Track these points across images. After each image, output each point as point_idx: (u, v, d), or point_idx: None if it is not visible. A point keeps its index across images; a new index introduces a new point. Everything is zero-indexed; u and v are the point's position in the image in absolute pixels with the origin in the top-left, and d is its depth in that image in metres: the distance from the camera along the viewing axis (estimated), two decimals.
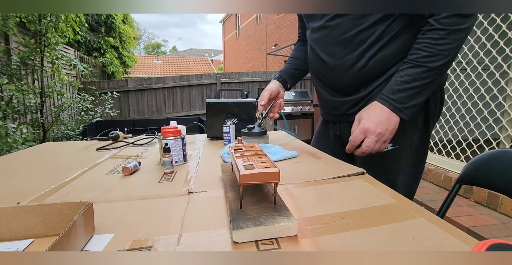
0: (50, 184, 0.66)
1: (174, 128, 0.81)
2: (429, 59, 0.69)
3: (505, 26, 2.03)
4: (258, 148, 0.63)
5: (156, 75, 14.18)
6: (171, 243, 0.41)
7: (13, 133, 2.47)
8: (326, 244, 0.40)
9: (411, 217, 0.47)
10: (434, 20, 0.68)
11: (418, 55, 0.71)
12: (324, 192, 0.59)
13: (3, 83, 2.39)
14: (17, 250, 0.40)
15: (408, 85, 0.71)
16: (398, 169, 0.83)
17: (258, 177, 0.45)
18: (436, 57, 0.69)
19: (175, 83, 6.63)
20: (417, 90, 0.72)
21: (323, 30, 0.84)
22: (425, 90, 0.72)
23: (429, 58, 0.69)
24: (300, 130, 4.75)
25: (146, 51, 36.44)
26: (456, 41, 0.68)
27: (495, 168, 0.80)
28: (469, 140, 2.40)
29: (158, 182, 0.68)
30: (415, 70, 0.71)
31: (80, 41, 6.57)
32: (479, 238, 1.32)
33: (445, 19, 0.67)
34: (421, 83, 0.71)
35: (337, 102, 0.90)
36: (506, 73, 2.09)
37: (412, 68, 0.71)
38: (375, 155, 0.81)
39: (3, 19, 2.52)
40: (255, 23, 11.96)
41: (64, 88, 3.57)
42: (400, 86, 0.72)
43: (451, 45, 0.68)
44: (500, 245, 0.29)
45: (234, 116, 1.16)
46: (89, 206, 0.42)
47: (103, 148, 1.07)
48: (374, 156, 0.81)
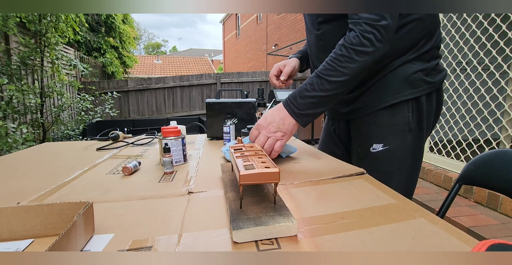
0: (50, 184, 0.66)
1: (174, 128, 0.81)
2: (329, 73, 0.70)
3: (505, 26, 2.03)
4: (258, 148, 0.63)
5: (156, 75, 14.18)
6: (171, 243, 0.41)
7: (13, 133, 2.47)
8: (326, 244, 0.40)
9: (411, 217, 0.47)
10: (346, 36, 0.70)
11: (323, 67, 0.72)
12: (324, 192, 0.59)
13: (3, 83, 2.39)
14: (17, 250, 0.40)
15: (308, 93, 0.72)
16: (392, 170, 0.81)
17: (258, 177, 0.45)
18: (337, 72, 0.69)
19: (175, 83, 6.63)
20: (315, 100, 0.72)
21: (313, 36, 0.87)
22: (322, 103, 0.73)
23: (330, 71, 0.70)
24: (300, 130, 4.75)
25: (146, 51, 36.46)
26: (359, 61, 0.68)
27: (495, 168, 0.80)
28: (469, 140, 2.40)
29: (158, 182, 0.68)
30: (316, 80, 0.72)
31: (80, 41, 6.57)
32: (479, 238, 1.32)
33: (353, 39, 0.68)
34: (319, 94, 0.71)
35: None
36: (506, 73, 2.09)
37: (314, 78, 0.73)
38: (367, 156, 0.82)
39: (3, 19, 2.52)
40: (255, 23, 11.96)
41: (64, 88, 3.57)
42: (301, 93, 0.73)
43: (353, 64, 0.68)
44: (500, 245, 0.29)
45: (234, 116, 1.16)
46: (89, 206, 0.42)
47: (103, 148, 1.07)
48: (365, 156, 0.82)
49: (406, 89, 0.77)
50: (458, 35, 2.45)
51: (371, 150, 0.81)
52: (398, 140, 0.80)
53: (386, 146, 0.79)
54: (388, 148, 0.79)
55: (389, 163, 0.81)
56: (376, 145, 0.81)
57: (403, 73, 0.77)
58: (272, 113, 0.76)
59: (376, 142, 0.81)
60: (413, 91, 0.77)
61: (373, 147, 0.81)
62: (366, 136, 0.83)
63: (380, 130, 0.81)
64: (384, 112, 0.80)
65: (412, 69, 0.77)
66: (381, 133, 0.80)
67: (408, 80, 0.77)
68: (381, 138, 0.80)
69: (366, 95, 0.82)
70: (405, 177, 0.83)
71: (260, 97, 1.17)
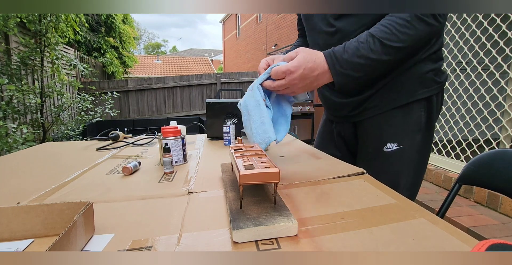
0: (50, 184, 0.66)
1: (174, 128, 0.81)
2: (385, 35, 0.65)
3: (505, 26, 2.03)
4: (258, 148, 0.63)
5: (156, 75, 14.18)
6: (171, 243, 0.41)
7: (13, 133, 2.47)
8: (326, 244, 0.40)
9: (411, 217, 0.47)
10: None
11: (377, 29, 0.67)
12: (324, 192, 0.59)
13: (3, 83, 2.39)
14: (17, 250, 0.40)
15: (358, 52, 0.66)
16: (401, 170, 0.81)
17: (258, 177, 0.45)
18: (393, 36, 0.65)
19: (175, 83, 6.63)
20: (362, 61, 0.66)
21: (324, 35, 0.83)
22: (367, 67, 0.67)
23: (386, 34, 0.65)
24: (300, 130, 4.76)
25: (146, 51, 36.46)
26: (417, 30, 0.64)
27: (495, 168, 0.80)
28: (469, 140, 2.40)
29: (158, 182, 0.68)
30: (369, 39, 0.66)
31: (80, 41, 6.57)
32: (479, 238, 1.32)
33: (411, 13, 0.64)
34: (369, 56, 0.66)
35: (340, 104, 0.89)
36: (506, 73, 2.09)
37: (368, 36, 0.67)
38: (379, 156, 0.80)
39: (4, 19, 2.52)
40: (255, 23, 11.96)
41: (64, 88, 3.57)
42: (350, 50, 0.67)
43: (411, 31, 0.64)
44: (500, 245, 0.29)
45: (234, 116, 1.16)
46: (89, 206, 0.42)
47: (103, 148, 1.07)
48: (377, 156, 0.81)
49: (420, 89, 0.77)
50: (458, 35, 2.45)
51: (384, 149, 0.80)
52: (411, 139, 0.79)
53: (400, 145, 0.78)
54: (402, 148, 0.79)
55: (401, 162, 0.80)
56: (390, 144, 0.80)
57: (417, 73, 0.76)
58: (312, 66, 0.66)
59: (390, 141, 0.80)
60: (425, 90, 0.77)
61: (387, 146, 0.80)
62: (379, 135, 0.82)
63: (394, 130, 0.80)
64: (398, 111, 0.79)
65: (425, 69, 0.76)
66: (395, 133, 0.80)
67: (421, 80, 0.77)
68: (395, 137, 0.79)
69: (378, 95, 0.80)
70: (412, 177, 0.82)
71: None
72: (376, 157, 0.81)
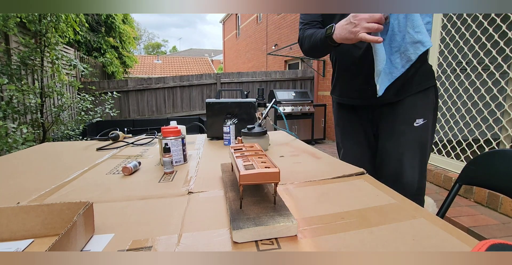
0: (50, 184, 0.66)
1: (174, 128, 0.81)
2: None
3: (505, 26, 2.03)
4: (258, 148, 0.63)
5: (156, 75, 14.17)
6: (171, 243, 0.41)
7: (13, 133, 2.47)
8: (326, 244, 0.40)
9: (411, 217, 0.47)
10: None
11: None
12: (324, 192, 0.59)
13: (3, 83, 2.39)
14: (17, 250, 0.40)
15: None
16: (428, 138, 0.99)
17: (258, 177, 0.45)
18: None
19: (175, 83, 6.62)
20: None
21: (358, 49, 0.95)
22: None
23: None
24: (300, 130, 4.76)
25: (146, 51, 36.43)
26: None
27: (495, 168, 0.80)
28: (469, 140, 2.39)
29: (158, 182, 0.68)
30: None
31: (80, 41, 6.57)
32: (479, 238, 1.32)
33: None
34: None
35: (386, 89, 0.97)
36: (506, 73, 2.09)
37: None
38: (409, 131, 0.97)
39: (4, 19, 2.52)
40: (255, 23, 11.95)
41: (64, 88, 3.57)
42: None
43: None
44: (500, 245, 0.29)
45: (234, 116, 1.16)
46: (89, 206, 0.42)
47: (103, 148, 1.07)
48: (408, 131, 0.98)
49: (431, 78, 1.00)
50: (458, 35, 2.45)
51: (414, 124, 0.98)
52: (430, 114, 1.00)
53: (425, 120, 0.97)
54: (426, 121, 0.98)
55: (426, 133, 0.99)
56: (418, 120, 0.98)
57: (428, 65, 1.00)
58: None
59: (418, 117, 0.98)
60: (433, 79, 1.01)
61: (416, 121, 0.98)
62: (410, 113, 0.99)
63: (421, 108, 0.99)
64: (422, 94, 0.99)
65: (429, 63, 1.00)
66: (422, 110, 0.98)
67: (430, 71, 1.00)
68: (422, 113, 0.98)
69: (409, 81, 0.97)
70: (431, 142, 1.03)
71: (260, 97, 1.17)
72: (407, 132, 0.97)
